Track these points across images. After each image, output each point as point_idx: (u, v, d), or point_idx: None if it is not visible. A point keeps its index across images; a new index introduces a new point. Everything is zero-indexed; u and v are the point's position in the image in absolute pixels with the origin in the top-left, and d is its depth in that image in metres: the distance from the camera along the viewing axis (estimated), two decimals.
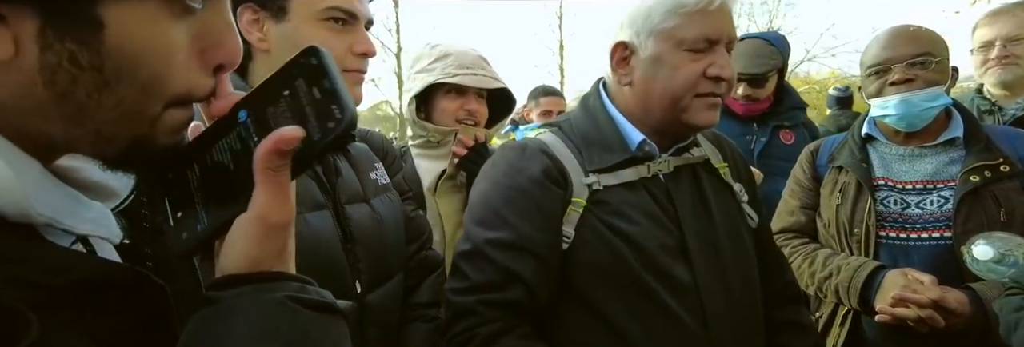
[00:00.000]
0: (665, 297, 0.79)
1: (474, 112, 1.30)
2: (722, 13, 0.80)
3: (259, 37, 0.78)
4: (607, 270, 0.80)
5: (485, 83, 1.28)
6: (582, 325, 0.81)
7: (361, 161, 0.93)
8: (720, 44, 0.81)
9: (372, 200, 0.90)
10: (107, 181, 0.39)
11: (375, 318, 0.84)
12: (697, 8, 0.78)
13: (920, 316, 1.02)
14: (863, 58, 1.24)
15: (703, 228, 0.86)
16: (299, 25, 0.77)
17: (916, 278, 1.07)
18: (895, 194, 1.19)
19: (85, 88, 0.31)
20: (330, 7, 0.77)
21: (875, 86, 1.19)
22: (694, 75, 0.80)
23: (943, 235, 1.12)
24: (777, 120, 1.83)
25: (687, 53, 0.80)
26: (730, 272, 0.85)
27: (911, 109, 1.15)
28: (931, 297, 1.02)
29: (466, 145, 1.27)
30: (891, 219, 1.17)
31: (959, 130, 1.17)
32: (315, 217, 0.78)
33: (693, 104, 0.82)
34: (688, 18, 0.79)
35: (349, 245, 0.81)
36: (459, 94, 1.30)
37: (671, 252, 0.82)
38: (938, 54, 1.14)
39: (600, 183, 0.83)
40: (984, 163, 1.11)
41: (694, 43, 0.80)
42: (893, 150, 1.23)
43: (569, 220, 0.81)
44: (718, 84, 0.81)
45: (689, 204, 0.86)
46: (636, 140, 0.85)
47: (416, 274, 0.99)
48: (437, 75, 1.25)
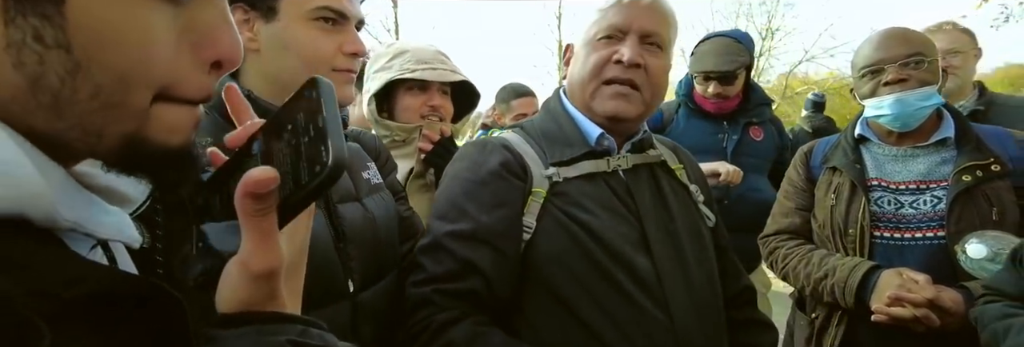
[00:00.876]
0: (628, 286, 0.80)
1: (438, 107, 1.26)
2: (635, 6, 0.84)
3: (249, 37, 0.77)
4: (569, 259, 0.80)
5: (446, 77, 1.23)
6: (545, 315, 0.81)
7: (354, 160, 0.93)
8: (630, 33, 0.84)
9: (364, 199, 0.90)
10: (121, 187, 0.38)
11: (368, 317, 0.84)
12: (612, 4, 0.85)
13: (916, 315, 1.03)
14: (855, 60, 1.25)
15: (663, 222, 0.87)
16: (289, 25, 0.77)
17: (911, 278, 1.08)
18: (889, 194, 1.19)
19: (56, 71, 0.30)
20: (319, 7, 0.77)
21: (869, 87, 1.20)
22: (600, 60, 0.85)
23: (937, 234, 1.12)
24: (746, 117, 1.85)
25: (599, 43, 0.86)
26: (692, 265, 0.85)
27: (906, 109, 1.16)
28: (926, 296, 1.02)
29: (432, 140, 1.23)
30: (885, 219, 1.18)
31: (950, 130, 1.19)
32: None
33: (601, 91, 0.86)
34: (602, 14, 0.86)
35: (341, 244, 0.81)
36: (421, 90, 1.26)
37: (632, 243, 0.82)
38: (930, 54, 1.16)
39: (560, 175, 0.85)
40: (975, 163, 1.12)
41: (603, 33, 0.85)
42: (886, 151, 1.24)
43: (530, 211, 0.82)
44: (625, 70, 0.83)
45: (648, 199, 0.88)
46: (594, 134, 0.88)
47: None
48: (396, 72, 1.21)
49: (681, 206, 0.91)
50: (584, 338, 0.78)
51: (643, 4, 0.84)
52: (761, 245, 1.41)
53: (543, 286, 0.81)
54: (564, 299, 0.80)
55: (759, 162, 1.84)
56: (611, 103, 0.85)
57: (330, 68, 0.79)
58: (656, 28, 0.85)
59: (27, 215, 0.29)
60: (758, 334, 0.96)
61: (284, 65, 0.78)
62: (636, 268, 0.81)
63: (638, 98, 0.85)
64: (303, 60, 0.78)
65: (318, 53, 0.78)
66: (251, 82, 0.80)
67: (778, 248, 1.33)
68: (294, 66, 0.78)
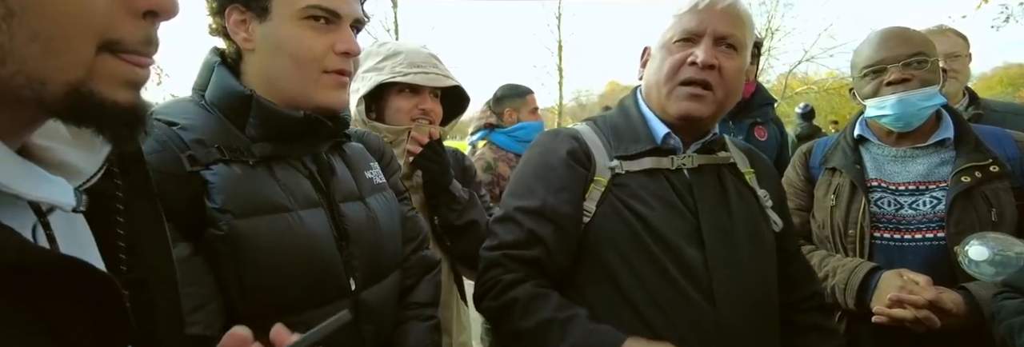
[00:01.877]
0: (675, 273, 0.84)
1: (429, 111, 1.25)
2: (710, 10, 0.87)
3: (244, 37, 0.78)
4: (622, 244, 0.86)
5: (438, 82, 1.22)
6: (596, 292, 0.88)
7: (356, 160, 0.94)
8: (705, 37, 0.87)
9: (367, 198, 0.90)
10: (75, 160, 0.40)
11: (370, 316, 0.85)
12: (687, 9, 0.88)
13: (916, 317, 1.03)
14: (855, 60, 1.24)
15: (720, 220, 0.89)
16: (280, 24, 0.77)
17: (912, 279, 1.08)
18: (888, 195, 1.19)
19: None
20: (310, 6, 0.77)
21: (870, 87, 1.20)
22: (676, 62, 0.88)
23: (937, 235, 1.12)
24: (751, 117, 1.84)
25: (675, 46, 0.89)
26: (745, 263, 0.88)
27: (908, 109, 1.15)
28: (927, 298, 1.02)
29: (420, 142, 1.22)
30: (885, 220, 1.18)
31: (950, 131, 1.18)
32: (309, 215, 0.79)
33: (676, 92, 0.89)
34: (677, 19, 0.89)
35: (343, 242, 0.82)
36: (413, 93, 1.24)
37: (684, 235, 0.86)
38: (931, 54, 1.15)
39: (623, 167, 0.91)
40: (975, 164, 1.12)
41: (680, 36, 0.88)
42: (885, 151, 1.24)
43: (591, 197, 0.89)
44: (700, 71, 0.86)
45: (709, 198, 0.90)
46: (661, 133, 0.92)
47: (413, 273, 1.00)
48: (387, 74, 1.20)
49: (743, 208, 0.92)
50: (630, 315, 0.84)
51: (718, 9, 0.87)
52: None
53: (597, 265, 0.88)
54: (615, 279, 0.86)
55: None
56: (685, 103, 0.88)
57: (321, 69, 0.80)
58: (730, 30, 0.87)
59: None
60: (820, 340, 0.97)
61: (276, 65, 0.79)
62: (684, 258, 0.85)
63: (711, 98, 0.88)
64: (294, 60, 0.78)
65: (309, 53, 0.78)
66: (252, 82, 0.81)
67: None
68: (286, 66, 0.78)
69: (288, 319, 0.74)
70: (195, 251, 0.70)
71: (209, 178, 0.71)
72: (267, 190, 0.76)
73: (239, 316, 0.71)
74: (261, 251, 0.72)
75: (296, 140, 0.82)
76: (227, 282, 0.71)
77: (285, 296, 0.75)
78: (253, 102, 0.77)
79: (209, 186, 0.71)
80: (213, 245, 0.70)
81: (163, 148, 0.71)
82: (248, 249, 0.71)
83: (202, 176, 0.71)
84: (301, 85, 0.79)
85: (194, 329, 0.66)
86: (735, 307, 0.84)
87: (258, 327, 0.72)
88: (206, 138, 0.74)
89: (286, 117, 0.78)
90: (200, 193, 0.71)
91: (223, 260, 0.71)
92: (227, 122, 0.77)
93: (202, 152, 0.72)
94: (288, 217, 0.76)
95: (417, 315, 0.96)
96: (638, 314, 0.84)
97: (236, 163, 0.74)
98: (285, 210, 0.76)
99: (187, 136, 0.73)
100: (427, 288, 1.00)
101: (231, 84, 0.78)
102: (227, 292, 0.71)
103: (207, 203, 0.70)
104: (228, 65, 0.80)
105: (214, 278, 0.71)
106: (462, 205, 1.24)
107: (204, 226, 0.71)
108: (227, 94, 0.78)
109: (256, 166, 0.76)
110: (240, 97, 0.77)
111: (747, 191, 0.96)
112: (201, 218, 0.70)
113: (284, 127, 0.79)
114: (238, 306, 0.71)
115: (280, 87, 0.80)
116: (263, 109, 0.77)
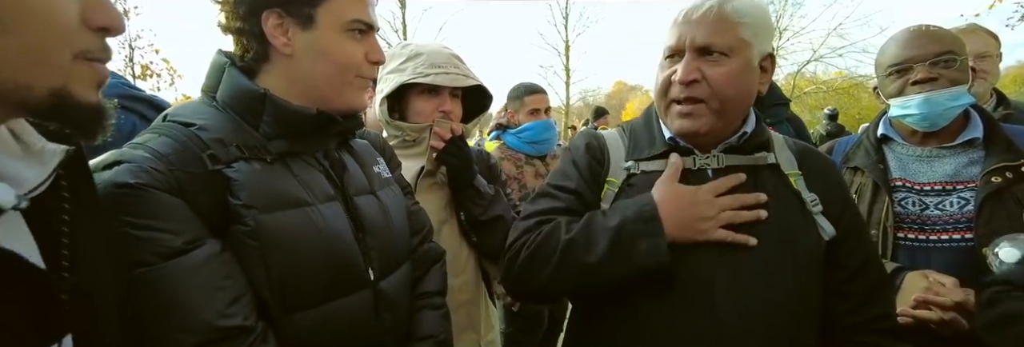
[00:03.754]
0: (678, 281, 0.82)
1: (449, 112, 1.27)
2: (687, 22, 0.85)
3: (284, 42, 0.81)
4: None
5: (458, 81, 1.24)
6: (598, 298, 0.89)
7: (364, 155, 0.97)
8: (686, 51, 0.85)
9: (378, 192, 0.94)
10: (21, 172, 0.45)
11: (389, 304, 0.88)
12: (670, 23, 0.89)
13: (943, 319, 1.01)
14: (881, 59, 1.22)
15: (745, 226, 0.84)
16: (326, 33, 0.81)
17: (938, 280, 1.06)
18: (913, 195, 1.17)
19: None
20: (355, 20, 0.83)
21: (896, 86, 1.18)
22: (662, 82, 0.89)
23: (963, 236, 1.10)
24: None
25: (666, 62, 0.90)
26: (768, 273, 0.83)
27: (935, 108, 1.13)
28: (955, 299, 1.01)
29: (443, 138, 1.24)
30: (909, 220, 1.16)
31: (978, 131, 1.16)
32: (328, 208, 0.81)
33: (670, 110, 0.90)
34: (666, 34, 0.90)
35: (360, 234, 0.85)
36: (433, 94, 1.26)
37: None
38: (960, 53, 1.13)
39: (638, 167, 0.93)
40: (1006, 164, 1.10)
41: (666, 53, 0.89)
42: (910, 151, 1.22)
43: (606, 197, 0.92)
44: (684, 87, 0.85)
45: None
46: (668, 136, 0.93)
47: (421, 265, 1.02)
48: (409, 75, 1.22)
49: (779, 213, 0.86)
50: (629, 321, 0.86)
51: (693, 18, 0.85)
52: None
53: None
54: (620, 291, 0.85)
55: None
56: (677, 122, 0.89)
57: (356, 75, 0.86)
58: (710, 38, 0.84)
59: None
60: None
61: (318, 70, 0.83)
62: (687, 264, 0.82)
63: (704, 111, 0.86)
64: (337, 67, 0.83)
65: (351, 61, 0.84)
66: (272, 83, 0.83)
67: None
68: (328, 72, 0.83)
69: (313, 309, 0.77)
70: (223, 247, 0.72)
71: (231, 175, 0.73)
72: (287, 185, 0.78)
73: (267, 307, 0.74)
74: (287, 244, 0.74)
75: (308, 137, 0.84)
76: (256, 275, 0.73)
77: (311, 287, 0.77)
78: (267, 101, 0.79)
79: (232, 183, 0.73)
80: (240, 240, 0.72)
81: (184, 148, 0.72)
82: (275, 242, 0.73)
83: (224, 174, 0.73)
84: (339, 88, 0.85)
85: (234, 320, 0.68)
86: (744, 322, 0.80)
87: (285, 317, 0.75)
88: (224, 137, 0.76)
89: (300, 114, 0.81)
90: (223, 190, 0.73)
91: (251, 254, 0.72)
92: (241, 121, 0.80)
93: (222, 151, 0.74)
94: (309, 211, 0.78)
95: (429, 304, 0.99)
96: (636, 321, 0.84)
97: (255, 160, 0.77)
98: (306, 204, 0.78)
99: (206, 136, 0.75)
100: (435, 278, 1.04)
101: (245, 84, 0.80)
102: (256, 285, 0.73)
103: (231, 200, 0.72)
104: (237, 66, 0.83)
105: (242, 272, 0.73)
106: (487, 200, 1.25)
107: (229, 222, 0.72)
108: (241, 94, 0.80)
109: (274, 163, 0.79)
110: (254, 96, 0.79)
111: (788, 194, 0.89)
112: (226, 215, 0.72)
113: (298, 124, 0.81)
114: (266, 298, 0.73)
115: (316, 89, 0.84)
116: (277, 107, 0.79)
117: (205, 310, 0.66)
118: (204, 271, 0.68)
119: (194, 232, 0.69)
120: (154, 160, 0.69)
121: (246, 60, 0.83)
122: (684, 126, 0.88)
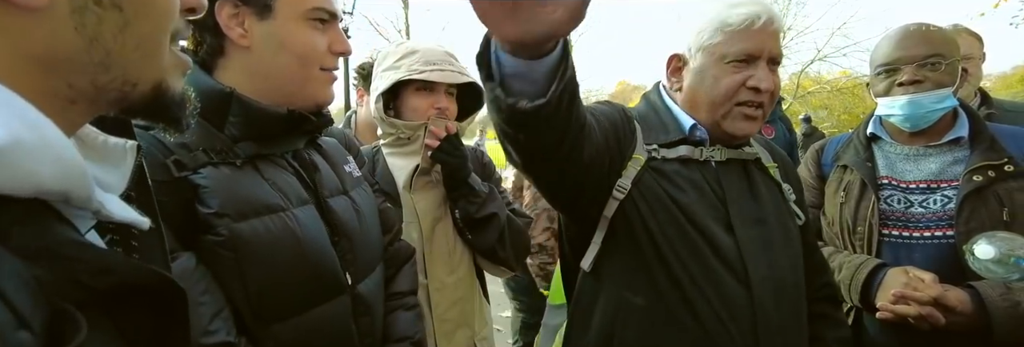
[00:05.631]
0: (709, 255, 0.86)
1: (444, 109, 1.27)
2: (764, 32, 0.89)
3: (240, 33, 0.76)
4: (657, 226, 0.87)
5: (453, 78, 1.24)
6: (630, 272, 0.88)
7: (334, 155, 0.94)
8: (761, 59, 0.89)
9: (351, 192, 0.91)
10: (102, 176, 0.39)
11: (366, 309, 0.86)
12: (741, 27, 0.88)
13: (920, 313, 1.03)
14: (874, 56, 1.23)
15: (749, 211, 0.92)
16: (285, 23, 0.76)
17: (917, 276, 1.08)
18: (899, 193, 1.19)
19: (111, 29, 0.33)
20: (316, 8, 0.78)
21: (883, 85, 1.20)
22: (734, 84, 0.90)
23: (945, 234, 1.12)
24: None
25: (729, 66, 0.90)
26: (776, 252, 0.90)
27: (917, 110, 1.15)
28: (931, 295, 1.03)
29: (438, 136, 1.23)
30: (894, 218, 1.18)
31: (964, 130, 1.18)
32: (302, 212, 0.78)
33: (732, 112, 0.91)
34: (732, 35, 0.89)
35: (336, 238, 0.82)
36: (429, 91, 1.26)
37: (716, 221, 0.88)
38: (949, 55, 1.14)
39: (660, 153, 0.92)
40: (988, 163, 1.11)
41: (736, 57, 0.89)
42: (898, 149, 1.24)
43: (627, 174, 0.89)
44: (758, 94, 0.89)
45: (737, 189, 0.93)
46: (688, 125, 0.94)
47: (392, 264, 1.00)
48: (404, 72, 1.22)
49: (771, 200, 0.96)
50: (670, 288, 0.85)
51: (771, 29, 0.89)
52: None
53: (630, 244, 0.88)
54: (649, 261, 0.87)
55: None
56: (743, 124, 0.91)
57: (319, 67, 0.81)
58: (779, 51, 0.91)
59: (72, 195, 0.30)
60: (826, 328, 1.00)
61: (278, 63, 0.77)
62: (718, 241, 0.87)
63: (761, 116, 0.93)
64: (298, 59, 0.78)
65: (313, 51, 0.79)
66: (234, 79, 0.77)
67: None
68: (289, 64, 0.78)
69: (292, 319, 0.73)
70: (198, 260, 0.68)
71: (199, 182, 0.69)
72: (259, 190, 0.74)
73: (245, 320, 0.70)
74: (263, 253, 0.70)
75: (278, 137, 0.80)
76: (232, 288, 0.69)
77: (289, 296, 0.74)
78: (234, 100, 0.74)
79: (201, 191, 0.68)
80: (213, 251, 0.68)
81: (146, 154, 0.67)
82: (251, 252, 0.69)
83: (191, 180, 0.69)
84: (301, 82, 0.80)
85: (218, 336, 0.65)
86: (768, 291, 0.86)
87: (264, 330, 0.70)
88: (188, 141, 0.71)
89: (270, 114, 0.76)
90: (191, 199, 0.68)
91: (226, 265, 0.68)
92: (205, 122, 0.74)
93: (187, 156, 0.70)
94: (284, 216, 0.74)
95: (402, 304, 0.98)
96: (679, 288, 0.84)
97: (223, 165, 0.72)
98: (280, 210, 0.74)
99: (168, 140, 0.70)
100: (406, 277, 1.02)
101: (208, 82, 0.75)
102: (232, 298, 0.69)
103: (200, 208, 0.68)
104: (197, 63, 0.77)
105: (218, 285, 0.69)
106: (482, 198, 1.26)
107: (199, 233, 0.68)
108: (203, 93, 0.72)
109: (243, 166, 0.74)
110: (219, 96, 0.74)
111: (773, 185, 0.99)
112: (194, 225, 0.68)
113: (267, 125, 0.77)
114: (244, 311, 0.70)
115: (277, 84, 0.78)
116: (245, 107, 0.75)
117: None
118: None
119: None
120: None
121: (199, 55, 0.77)
122: (749, 128, 0.92)
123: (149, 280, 0.33)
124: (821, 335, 0.98)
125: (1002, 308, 1.01)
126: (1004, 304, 1.01)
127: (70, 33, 0.31)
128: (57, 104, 0.33)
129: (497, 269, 1.36)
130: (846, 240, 1.24)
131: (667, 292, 0.85)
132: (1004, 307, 1.01)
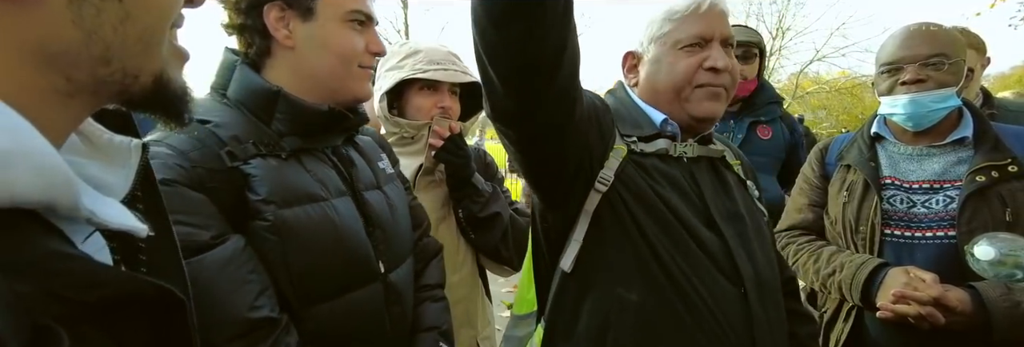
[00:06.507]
0: (697, 252, 0.85)
1: (448, 108, 1.28)
2: (711, 13, 0.89)
3: (285, 34, 0.82)
4: (642, 220, 0.85)
5: (457, 77, 1.25)
6: (624, 262, 0.85)
7: (369, 151, 0.99)
8: (714, 41, 0.90)
9: (384, 187, 0.96)
10: (103, 176, 0.38)
11: (397, 297, 0.90)
12: (688, 12, 0.89)
13: (920, 313, 1.04)
14: (879, 55, 1.23)
15: (726, 207, 0.92)
16: (326, 25, 0.82)
17: (917, 276, 1.09)
18: (902, 193, 1.19)
19: (110, 22, 0.31)
20: (355, 10, 0.84)
21: (887, 84, 1.20)
22: (691, 67, 0.90)
23: (947, 234, 1.12)
24: (753, 116, 1.84)
25: (683, 51, 0.90)
26: (754, 246, 0.91)
27: (919, 109, 1.15)
28: (931, 294, 1.03)
29: (441, 136, 1.24)
30: (897, 217, 1.18)
31: (969, 130, 1.18)
32: (341, 203, 0.83)
33: (694, 94, 0.91)
34: (680, 22, 0.90)
35: (370, 228, 0.87)
36: (432, 90, 1.27)
37: (699, 218, 0.88)
38: (953, 55, 1.14)
39: (639, 146, 0.90)
40: (992, 163, 1.12)
41: (688, 41, 0.89)
42: (901, 149, 1.24)
43: (609, 166, 0.87)
44: (717, 75, 0.89)
45: (711, 186, 0.93)
46: (659, 119, 0.94)
47: (421, 258, 1.04)
48: (408, 71, 1.23)
49: (741, 197, 0.96)
50: (667, 290, 0.83)
51: (717, 11, 0.90)
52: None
53: (620, 240, 0.85)
54: (642, 254, 0.84)
55: (765, 161, 1.83)
56: (708, 104, 0.90)
57: (359, 65, 0.86)
58: (730, 31, 0.92)
59: (56, 204, 0.28)
60: (797, 324, 1.00)
61: (320, 62, 0.84)
62: (702, 238, 0.86)
63: (725, 97, 0.92)
64: (339, 58, 0.84)
65: (352, 51, 0.85)
66: (280, 78, 0.83)
67: (790, 244, 1.34)
68: (330, 63, 0.84)
69: (330, 302, 0.79)
70: (245, 242, 0.73)
71: (250, 171, 0.75)
72: (302, 181, 0.80)
73: (288, 300, 0.75)
74: (305, 238, 0.76)
75: (319, 133, 0.86)
76: (276, 269, 0.74)
77: (327, 280, 0.79)
78: (280, 98, 0.81)
79: (251, 179, 0.74)
80: (260, 235, 0.74)
81: (203, 145, 0.74)
82: (294, 237, 0.75)
83: (243, 170, 0.75)
84: (342, 80, 0.86)
85: (263, 312, 0.70)
86: (754, 287, 0.86)
87: (305, 310, 0.76)
88: (240, 134, 0.77)
89: (313, 111, 0.82)
90: (242, 186, 0.74)
91: (271, 248, 0.74)
92: (254, 118, 0.81)
93: (239, 148, 0.76)
94: (324, 206, 0.80)
95: (430, 296, 1.01)
96: (674, 282, 0.82)
97: (271, 157, 0.78)
98: (321, 199, 0.80)
99: (222, 133, 0.76)
100: (435, 271, 1.05)
101: (257, 81, 0.81)
102: (276, 279, 0.74)
103: (250, 195, 0.74)
104: (248, 63, 0.84)
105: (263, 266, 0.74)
106: (485, 197, 1.27)
107: (247, 218, 0.74)
108: (253, 91, 0.81)
109: (288, 159, 0.80)
110: (267, 94, 0.81)
111: (739, 182, 1.00)
112: (243, 211, 0.74)
113: (310, 121, 0.83)
114: (287, 291, 0.75)
115: (320, 82, 0.85)
116: (291, 104, 0.81)
117: (236, 303, 0.68)
118: (232, 265, 0.69)
119: (219, 227, 0.70)
120: (176, 156, 0.70)
121: (249, 56, 0.84)
122: (715, 108, 0.90)
123: (144, 291, 0.32)
124: (794, 331, 0.97)
125: (1002, 308, 1.01)
126: (1004, 304, 1.02)
127: (67, 26, 0.30)
128: (55, 99, 0.31)
129: (500, 269, 1.36)
130: (848, 240, 1.24)
131: (664, 286, 0.82)
132: (1004, 307, 1.02)
